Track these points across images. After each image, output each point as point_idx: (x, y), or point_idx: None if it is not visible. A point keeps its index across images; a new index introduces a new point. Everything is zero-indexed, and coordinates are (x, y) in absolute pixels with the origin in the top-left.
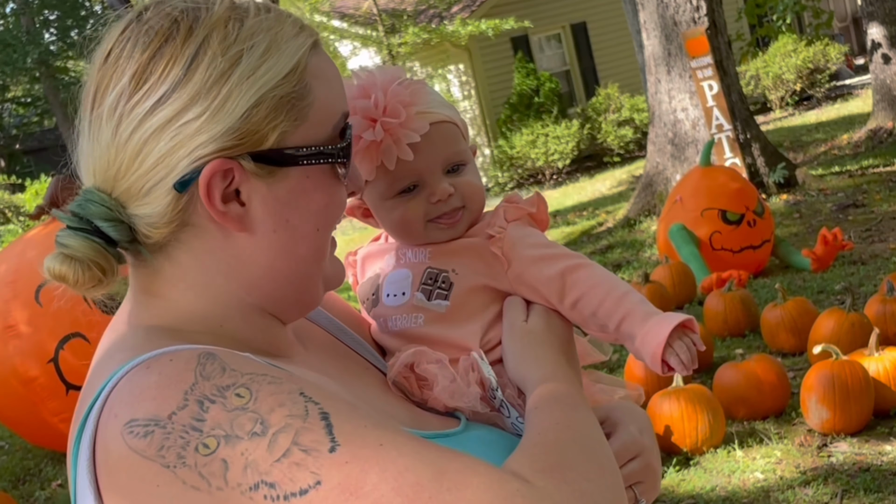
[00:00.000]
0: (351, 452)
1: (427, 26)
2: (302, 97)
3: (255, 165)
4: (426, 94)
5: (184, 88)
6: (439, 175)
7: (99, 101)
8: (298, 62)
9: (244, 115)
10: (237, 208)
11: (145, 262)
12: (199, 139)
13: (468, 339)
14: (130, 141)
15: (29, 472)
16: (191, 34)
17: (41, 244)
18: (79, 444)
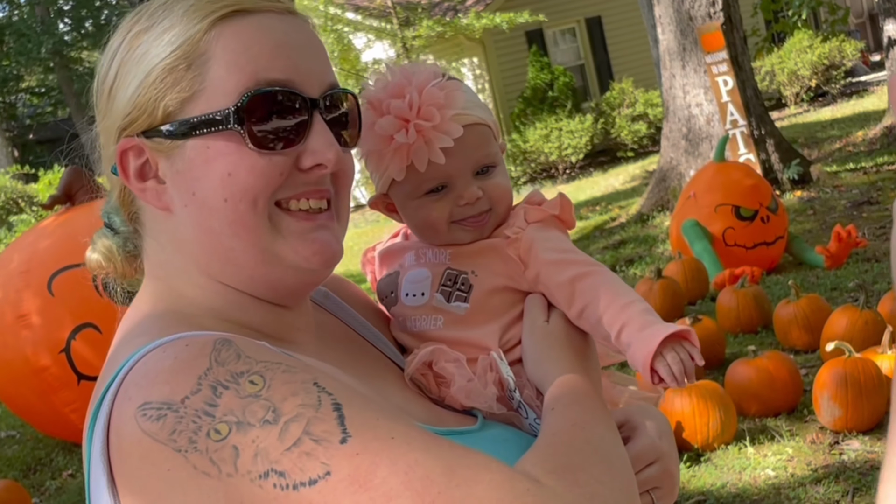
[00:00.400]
0: (362, 444)
1: (441, 19)
2: (192, 68)
3: (152, 141)
4: (461, 96)
5: (104, 82)
6: (468, 177)
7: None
8: (192, 35)
9: (135, 92)
10: (156, 185)
11: (143, 248)
12: (114, 122)
13: (487, 339)
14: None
15: (40, 461)
16: (115, 31)
17: (53, 234)
18: (93, 427)
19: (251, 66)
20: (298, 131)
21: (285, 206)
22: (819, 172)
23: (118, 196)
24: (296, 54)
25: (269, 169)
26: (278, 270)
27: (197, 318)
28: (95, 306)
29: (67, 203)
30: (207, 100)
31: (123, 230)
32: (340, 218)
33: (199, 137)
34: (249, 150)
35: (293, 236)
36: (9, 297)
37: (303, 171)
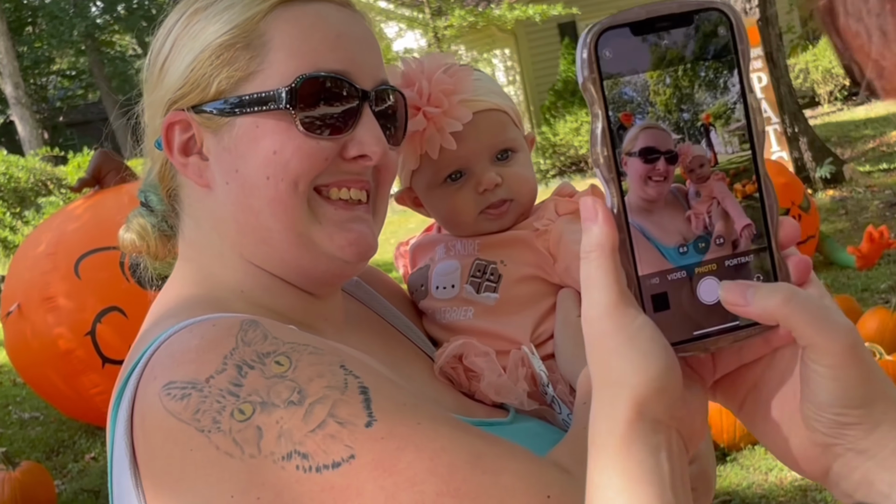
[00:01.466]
0: (387, 429)
1: (473, 10)
2: (250, 48)
3: (201, 116)
4: (471, 82)
5: (157, 56)
6: (486, 163)
7: None
8: (252, 15)
9: (189, 66)
10: (198, 161)
11: (179, 227)
12: (163, 96)
13: (519, 332)
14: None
15: (63, 443)
16: (172, 9)
17: (81, 217)
18: (118, 406)
19: (310, 54)
20: (347, 120)
21: (325, 194)
22: (852, 172)
23: (158, 172)
24: (353, 46)
25: (314, 152)
26: (311, 256)
27: (226, 301)
28: (122, 290)
29: (96, 186)
30: (263, 81)
31: (159, 209)
32: (377, 213)
33: (250, 115)
34: (298, 132)
35: (330, 224)
36: (35, 280)
37: (347, 159)
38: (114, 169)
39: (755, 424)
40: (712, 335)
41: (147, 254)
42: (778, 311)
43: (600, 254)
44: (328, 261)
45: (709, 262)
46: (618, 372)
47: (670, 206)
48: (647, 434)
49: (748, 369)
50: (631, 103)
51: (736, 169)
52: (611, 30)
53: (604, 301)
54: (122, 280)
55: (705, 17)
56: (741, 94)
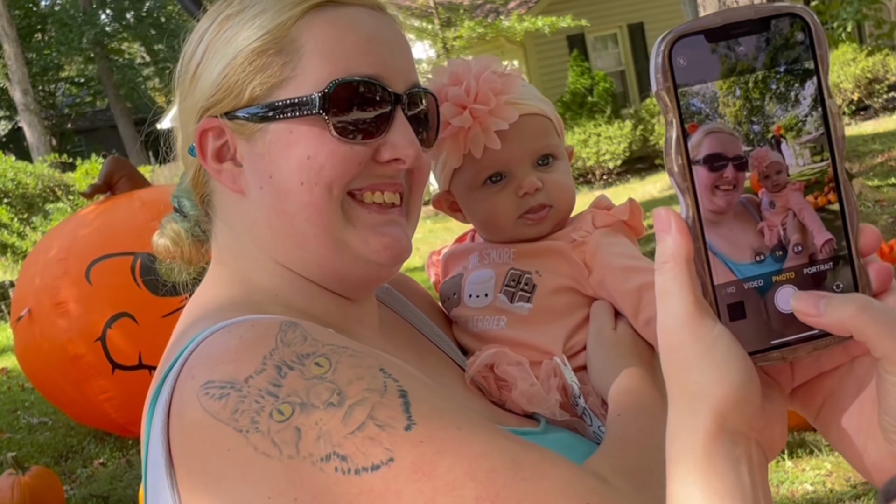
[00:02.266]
0: (427, 432)
1: (483, 21)
2: (283, 53)
3: (234, 122)
4: (519, 85)
5: (190, 63)
6: (527, 167)
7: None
8: (284, 21)
9: (221, 73)
10: (232, 167)
11: (212, 232)
12: (196, 103)
13: (551, 343)
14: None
15: (72, 449)
16: (203, 15)
17: (93, 223)
18: (154, 405)
19: (343, 59)
20: (380, 124)
21: (359, 198)
22: (861, 186)
23: (192, 178)
24: (385, 50)
25: (348, 156)
26: (347, 260)
27: (262, 304)
28: (133, 296)
29: (108, 192)
30: (296, 87)
31: (193, 214)
32: (411, 216)
33: (283, 121)
34: (331, 137)
35: (364, 227)
36: (46, 285)
37: (380, 163)
38: (125, 175)
39: (830, 433)
40: (790, 344)
41: (181, 259)
42: (851, 321)
43: (675, 264)
44: (363, 264)
45: (787, 271)
46: (696, 383)
47: (740, 217)
48: (728, 446)
49: (826, 377)
50: (705, 112)
51: (808, 180)
52: (685, 37)
53: (680, 312)
54: (133, 286)
55: (782, 22)
56: (820, 100)
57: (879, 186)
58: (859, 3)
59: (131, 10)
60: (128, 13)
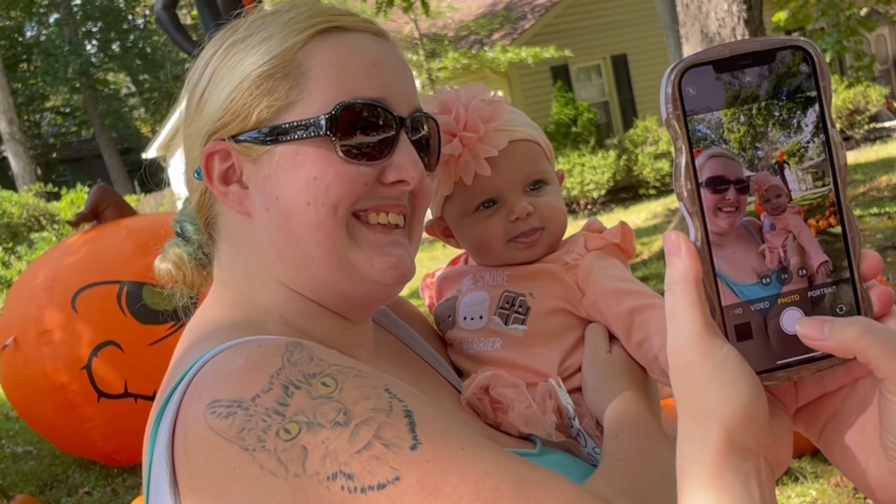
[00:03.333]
0: (432, 452)
1: (467, 52)
2: (289, 77)
3: (241, 145)
4: (508, 112)
5: (196, 88)
6: (518, 193)
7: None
8: (290, 46)
9: (228, 97)
10: (238, 190)
11: (216, 255)
12: (203, 127)
13: (546, 365)
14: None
15: (56, 478)
16: (208, 43)
17: (79, 251)
18: (158, 425)
19: (348, 83)
20: (385, 146)
21: (364, 219)
22: None
23: (197, 201)
24: (389, 74)
25: (354, 177)
26: (352, 280)
27: (264, 325)
28: (119, 324)
29: (94, 221)
30: (303, 110)
31: (196, 238)
32: (413, 238)
33: (290, 143)
34: (338, 158)
35: (369, 247)
36: (32, 313)
37: (385, 185)
38: (112, 204)
39: (833, 452)
40: (795, 364)
41: (182, 283)
42: (854, 344)
43: (685, 285)
44: (368, 285)
45: (791, 294)
46: (706, 401)
47: (742, 240)
48: (737, 462)
49: (829, 398)
50: (713, 138)
51: (810, 205)
52: (694, 67)
53: (689, 332)
54: (119, 314)
55: (787, 54)
56: (823, 129)
57: (862, 216)
58: (839, 35)
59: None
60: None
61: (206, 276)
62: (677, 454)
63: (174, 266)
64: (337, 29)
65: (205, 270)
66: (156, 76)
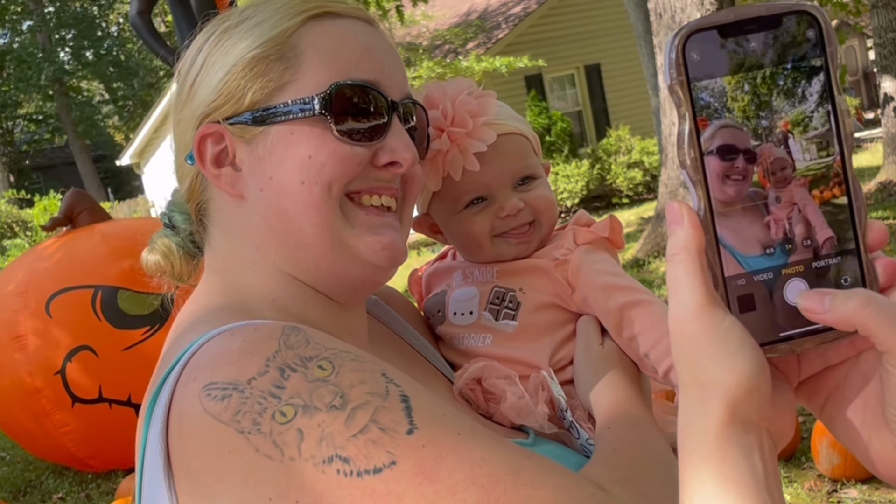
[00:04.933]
0: (428, 437)
1: (441, 61)
2: (283, 60)
3: (235, 127)
4: (495, 106)
5: (188, 74)
6: (508, 189)
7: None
8: (284, 29)
9: (222, 80)
10: (231, 172)
11: (207, 241)
12: (195, 110)
13: (537, 357)
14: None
15: (30, 483)
16: (199, 32)
17: (53, 256)
18: (151, 410)
19: (342, 65)
20: (379, 128)
21: (357, 200)
22: None
23: (188, 187)
24: (382, 59)
25: (349, 156)
26: (345, 260)
27: (257, 310)
28: (93, 329)
29: (68, 225)
30: (297, 90)
31: (184, 228)
32: (403, 223)
33: (285, 123)
34: (333, 137)
35: (363, 228)
36: (5, 318)
37: (378, 167)
38: (87, 209)
39: (836, 426)
40: (798, 336)
41: (171, 274)
42: (854, 316)
43: (686, 255)
44: (361, 265)
45: (795, 264)
46: (708, 373)
47: (748, 211)
48: (740, 435)
49: (832, 371)
50: (716, 106)
51: (814, 175)
52: (698, 32)
53: (691, 302)
54: (93, 319)
55: (793, 19)
56: (829, 97)
57: None
58: None
59: (90, 48)
60: (87, 51)
61: (195, 266)
62: (678, 427)
63: (162, 256)
64: (330, 14)
65: (193, 261)
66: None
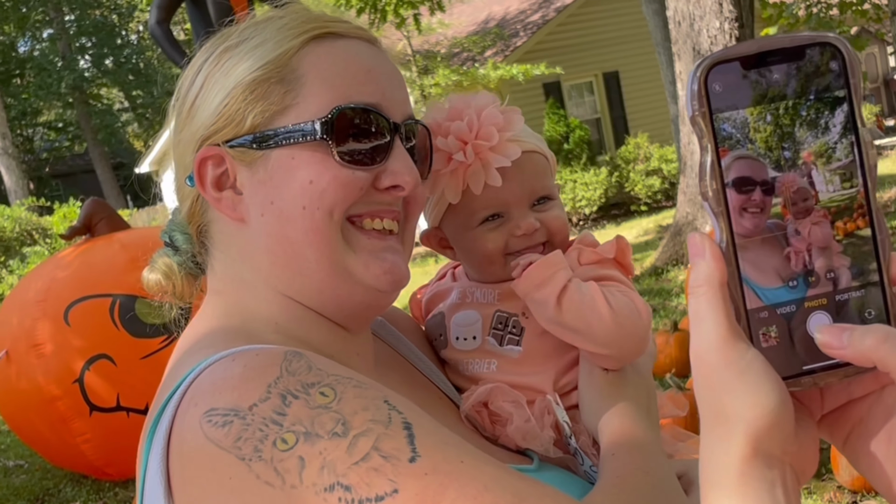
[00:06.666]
0: (431, 465)
1: (458, 68)
2: (284, 82)
3: (235, 150)
4: (521, 122)
5: (187, 94)
6: (525, 208)
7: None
8: (285, 51)
9: (222, 102)
10: (232, 195)
11: (209, 263)
12: (195, 133)
13: (543, 383)
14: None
15: (48, 492)
16: (199, 51)
17: (72, 265)
18: (152, 435)
19: (343, 87)
20: (380, 151)
21: (358, 224)
22: None
23: (188, 209)
24: (384, 80)
25: (350, 181)
26: (347, 286)
27: (260, 334)
28: (111, 338)
29: (87, 234)
30: (298, 114)
31: (186, 248)
32: (405, 244)
33: (286, 147)
34: (334, 162)
35: (364, 252)
36: (24, 326)
37: (379, 190)
38: (105, 218)
39: (859, 460)
40: (822, 370)
41: (172, 294)
42: (872, 353)
43: (709, 288)
44: (364, 290)
45: (818, 297)
46: (731, 407)
47: (767, 242)
48: (763, 470)
49: (855, 404)
50: (739, 137)
51: (838, 207)
52: (721, 64)
53: (714, 335)
54: (111, 328)
55: (816, 51)
56: (853, 128)
57: None
58: None
59: (110, 56)
60: (107, 59)
61: (197, 286)
62: (700, 461)
63: (163, 276)
64: (331, 35)
65: (195, 281)
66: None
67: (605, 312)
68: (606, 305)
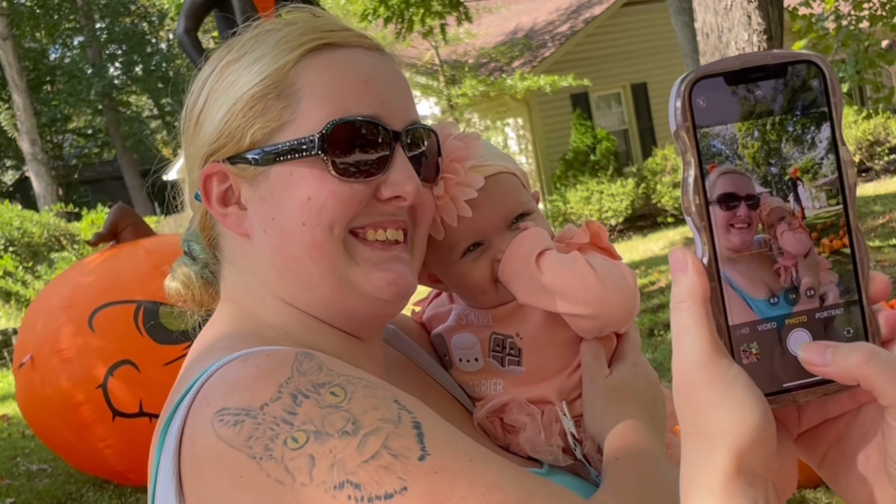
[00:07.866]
0: (440, 463)
1: (486, 79)
2: (282, 98)
3: (237, 167)
4: (481, 147)
5: (193, 109)
6: (503, 231)
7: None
8: (282, 65)
9: (223, 119)
10: (237, 211)
11: (221, 274)
12: (200, 149)
13: (549, 394)
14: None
15: (70, 496)
16: (206, 61)
17: (97, 270)
18: (165, 434)
19: (340, 100)
20: (380, 162)
21: (362, 236)
22: None
23: (199, 222)
24: (382, 89)
25: (348, 196)
26: (353, 298)
27: (272, 339)
28: (135, 344)
29: (112, 241)
30: (295, 130)
31: (202, 257)
32: (415, 251)
33: (284, 164)
34: (331, 177)
35: (367, 264)
36: (49, 332)
37: (381, 201)
38: (130, 224)
39: (836, 479)
40: (802, 388)
41: (191, 301)
42: (857, 371)
43: (692, 303)
44: (368, 302)
45: (799, 314)
46: (714, 423)
47: (758, 257)
48: (746, 487)
49: (832, 423)
50: (722, 152)
51: (823, 223)
52: (705, 79)
53: (697, 351)
54: (135, 334)
55: (799, 69)
56: (833, 147)
57: (881, 247)
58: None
59: (140, 64)
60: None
61: (214, 294)
62: (681, 478)
63: (182, 285)
64: (329, 46)
65: (212, 288)
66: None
67: (586, 272)
68: (588, 266)
